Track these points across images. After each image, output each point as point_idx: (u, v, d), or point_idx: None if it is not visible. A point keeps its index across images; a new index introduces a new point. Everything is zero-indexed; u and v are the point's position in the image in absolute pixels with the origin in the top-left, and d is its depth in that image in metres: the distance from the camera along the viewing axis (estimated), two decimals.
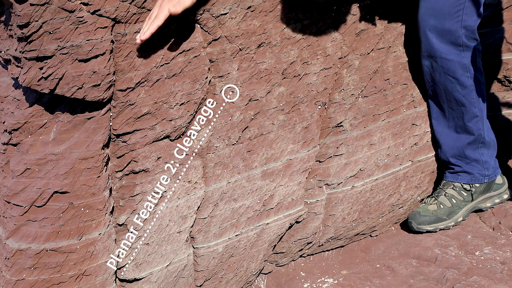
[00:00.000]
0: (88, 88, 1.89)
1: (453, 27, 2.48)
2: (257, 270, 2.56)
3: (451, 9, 2.46)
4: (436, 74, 2.59)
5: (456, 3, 2.46)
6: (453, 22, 2.48)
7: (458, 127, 2.69)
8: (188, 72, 2.07)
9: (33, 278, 1.99)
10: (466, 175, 2.77)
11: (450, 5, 2.46)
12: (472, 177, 2.77)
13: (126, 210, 2.11)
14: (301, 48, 2.29)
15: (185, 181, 2.19)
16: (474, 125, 2.68)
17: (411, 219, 2.76)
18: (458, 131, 2.70)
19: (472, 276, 2.45)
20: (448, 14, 2.47)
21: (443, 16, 2.47)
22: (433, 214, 2.75)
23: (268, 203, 2.42)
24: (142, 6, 1.94)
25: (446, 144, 2.73)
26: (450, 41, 2.52)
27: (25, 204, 1.95)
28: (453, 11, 2.46)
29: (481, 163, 2.76)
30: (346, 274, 2.63)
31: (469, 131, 2.69)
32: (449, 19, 2.47)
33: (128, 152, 2.06)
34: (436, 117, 2.71)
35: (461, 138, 2.71)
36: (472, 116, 2.66)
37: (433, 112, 2.70)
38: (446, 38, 2.51)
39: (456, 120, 2.68)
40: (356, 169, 2.60)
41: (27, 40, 1.79)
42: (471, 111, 2.65)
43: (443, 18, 2.47)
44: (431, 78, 2.61)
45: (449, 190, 2.78)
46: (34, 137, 1.94)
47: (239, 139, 2.27)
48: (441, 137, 2.73)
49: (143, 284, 2.21)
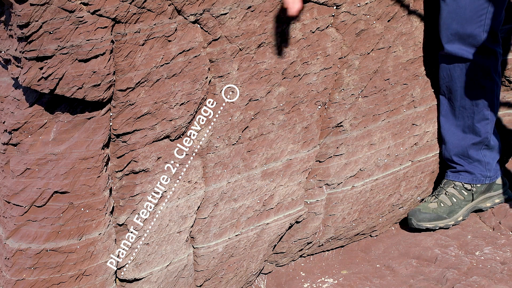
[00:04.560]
0: (88, 88, 1.89)
1: (476, 31, 2.49)
2: (257, 270, 2.56)
3: (474, 14, 2.46)
4: (455, 72, 2.58)
5: (479, 8, 2.45)
6: (476, 26, 2.48)
7: (466, 127, 2.69)
8: (188, 72, 2.07)
9: (33, 278, 1.99)
10: (467, 175, 2.77)
11: (473, 9, 2.45)
12: (474, 177, 2.77)
13: (126, 210, 2.11)
14: (301, 48, 2.29)
15: (185, 181, 2.19)
16: (483, 127, 2.68)
17: (411, 216, 2.76)
18: (465, 131, 2.70)
19: (472, 276, 2.45)
20: (470, 19, 2.46)
21: (465, 20, 2.47)
22: (433, 212, 2.75)
23: (268, 203, 2.42)
24: (142, 6, 1.94)
25: (451, 142, 2.73)
26: (472, 45, 2.52)
27: (25, 204, 1.95)
28: (475, 15, 2.46)
29: (483, 164, 2.76)
30: (346, 274, 2.63)
31: (477, 132, 2.69)
32: (472, 23, 2.47)
33: (128, 152, 2.06)
34: (445, 114, 2.71)
35: (467, 138, 2.71)
36: (483, 117, 2.66)
37: (443, 109, 2.71)
38: (468, 41, 2.51)
39: (466, 119, 2.68)
40: (356, 169, 2.60)
41: (27, 40, 1.79)
42: (483, 112, 2.65)
43: (465, 22, 2.47)
44: (448, 75, 2.61)
45: (450, 189, 2.78)
46: (34, 137, 1.94)
47: (239, 139, 2.27)
48: (447, 134, 2.73)
49: (143, 284, 2.21)
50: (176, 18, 2.02)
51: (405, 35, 2.56)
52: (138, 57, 1.97)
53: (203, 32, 2.09)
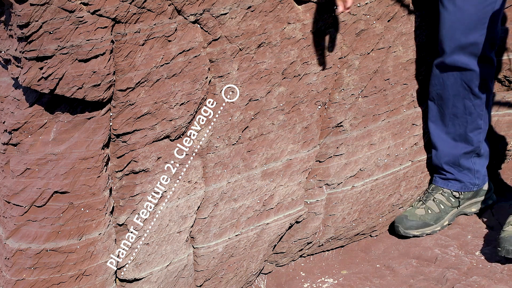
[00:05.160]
0: (88, 88, 1.89)
1: (479, 39, 2.46)
2: (257, 270, 2.56)
3: (479, 21, 2.43)
4: (448, 80, 2.55)
5: (482, 17, 2.43)
6: (479, 34, 2.45)
7: (457, 135, 2.67)
8: (188, 72, 2.07)
9: (33, 278, 1.99)
10: (456, 183, 2.76)
11: (479, 17, 2.43)
12: (463, 186, 2.77)
13: (126, 210, 2.11)
14: (301, 48, 2.29)
15: (185, 181, 2.19)
16: (476, 137, 2.66)
17: (398, 223, 2.74)
18: (456, 139, 2.68)
19: (472, 276, 2.45)
20: (475, 27, 2.44)
21: (470, 29, 2.44)
22: (420, 219, 2.73)
23: (268, 203, 2.42)
24: (142, 6, 1.94)
25: (442, 150, 2.71)
26: (473, 53, 2.49)
27: (25, 204, 1.95)
28: (480, 23, 2.44)
29: (473, 172, 2.75)
30: (346, 274, 2.63)
31: (469, 141, 2.67)
32: (476, 31, 2.45)
33: (128, 152, 2.06)
34: (435, 120, 2.68)
35: (459, 147, 2.69)
36: (476, 127, 2.64)
37: (432, 115, 2.68)
38: (468, 50, 2.48)
39: (457, 128, 2.65)
40: (356, 169, 2.60)
41: (27, 40, 1.79)
42: (476, 122, 2.63)
43: (470, 31, 2.44)
44: (440, 82, 2.58)
45: (438, 196, 2.77)
46: (34, 137, 1.94)
47: (239, 139, 2.27)
48: (437, 141, 2.71)
49: (143, 284, 2.21)
50: (176, 18, 2.02)
51: (405, 35, 2.56)
52: (138, 57, 1.97)
53: (203, 32, 2.09)
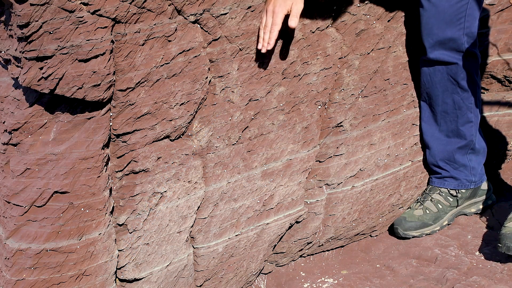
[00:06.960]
0: (88, 88, 1.89)
1: (456, 34, 2.49)
2: (257, 270, 2.56)
3: (453, 17, 2.46)
4: (435, 76, 2.58)
5: (458, 11, 2.46)
6: (456, 30, 2.48)
7: (450, 131, 2.69)
8: (188, 72, 2.07)
9: (33, 278, 1.99)
10: (453, 181, 2.77)
11: (452, 13, 2.46)
12: (459, 183, 2.77)
13: (126, 210, 2.11)
14: (301, 48, 2.29)
15: (185, 181, 2.19)
16: (467, 130, 2.68)
17: (397, 225, 2.76)
18: (449, 135, 2.69)
19: (472, 276, 2.45)
20: (450, 23, 2.47)
21: (445, 24, 2.47)
22: (419, 220, 2.75)
23: (268, 203, 2.42)
24: (142, 6, 1.94)
25: (436, 148, 2.72)
26: (453, 48, 2.52)
27: (25, 204, 1.95)
28: (455, 19, 2.46)
29: (468, 168, 2.75)
30: (346, 274, 2.63)
31: (462, 135, 2.68)
32: (452, 27, 2.47)
33: (128, 152, 2.06)
34: (427, 120, 2.70)
35: (452, 142, 2.70)
36: (467, 120, 2.66)
37: (424, 115, 2.70)
38: (448, 45, 2.51)
39: (449, 124, 2.67)
40: (356, 169, 2.60)
41: (27, 40, 1.79)
42: (466, 115, 2.65)
43: (445, 26, 2.47)
44: (428, 80, 2.61)
45: (435, 195, 2.78)
46: (34, 137, 1.94)
47: (239, 139, 2.27)
48: (431, 140, 2.72)
49: (143, 284, 2.21)
50: (176, 18, 2.02)
51: (405, 35, 2.56)
52: (138, 57, 1.97)
53: (203, 32, 2.09)
